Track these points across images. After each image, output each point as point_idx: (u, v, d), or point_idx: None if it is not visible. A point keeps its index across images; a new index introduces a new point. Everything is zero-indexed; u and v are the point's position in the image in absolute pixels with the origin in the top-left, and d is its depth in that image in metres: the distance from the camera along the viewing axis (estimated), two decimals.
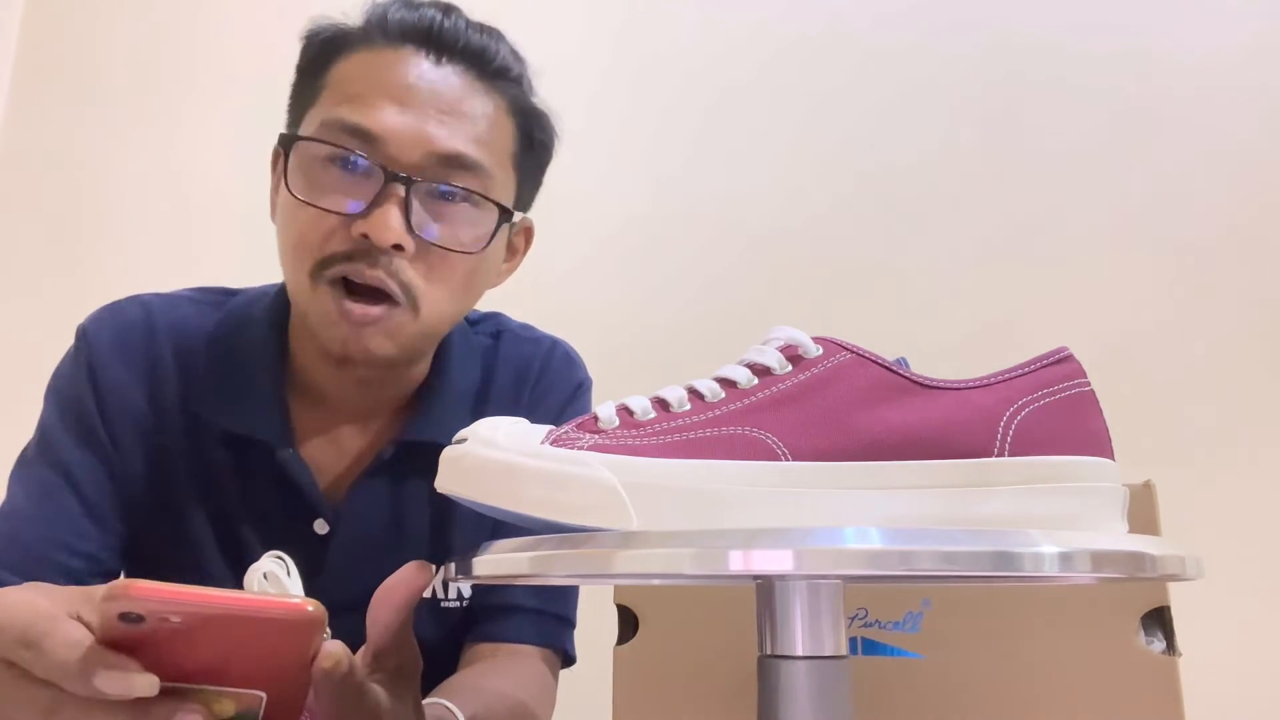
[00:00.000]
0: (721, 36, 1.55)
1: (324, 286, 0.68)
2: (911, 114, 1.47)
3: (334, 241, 0.67)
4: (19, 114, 1.75)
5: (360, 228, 0.66)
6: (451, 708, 0.60)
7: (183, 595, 0.37)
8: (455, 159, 0.68)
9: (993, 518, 0.40)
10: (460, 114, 0.68)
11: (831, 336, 0.44)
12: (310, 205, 0.67)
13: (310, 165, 0.68)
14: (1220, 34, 1.40)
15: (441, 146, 0.67)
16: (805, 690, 0.41)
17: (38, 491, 0.72)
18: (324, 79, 0.70)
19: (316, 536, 0.74)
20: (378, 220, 0.65)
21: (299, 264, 0.69)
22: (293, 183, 0.68)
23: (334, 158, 0.67)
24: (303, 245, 0.68)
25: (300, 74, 0.73)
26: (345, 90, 0.69)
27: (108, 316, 0.77)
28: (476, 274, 0.72)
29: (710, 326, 1.44)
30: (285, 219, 0.70)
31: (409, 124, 0.67)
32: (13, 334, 1.61)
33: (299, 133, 0.70)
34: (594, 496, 0.39)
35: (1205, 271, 1.33)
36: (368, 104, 0.67)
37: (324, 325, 0.69)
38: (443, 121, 0.67)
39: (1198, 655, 0.65)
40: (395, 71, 0.68)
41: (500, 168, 0.71)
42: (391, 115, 0.67)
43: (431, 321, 0.71)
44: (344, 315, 0.67)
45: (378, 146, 0.66)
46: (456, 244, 0.69)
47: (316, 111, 0.70)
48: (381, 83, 0.68)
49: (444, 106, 0.68)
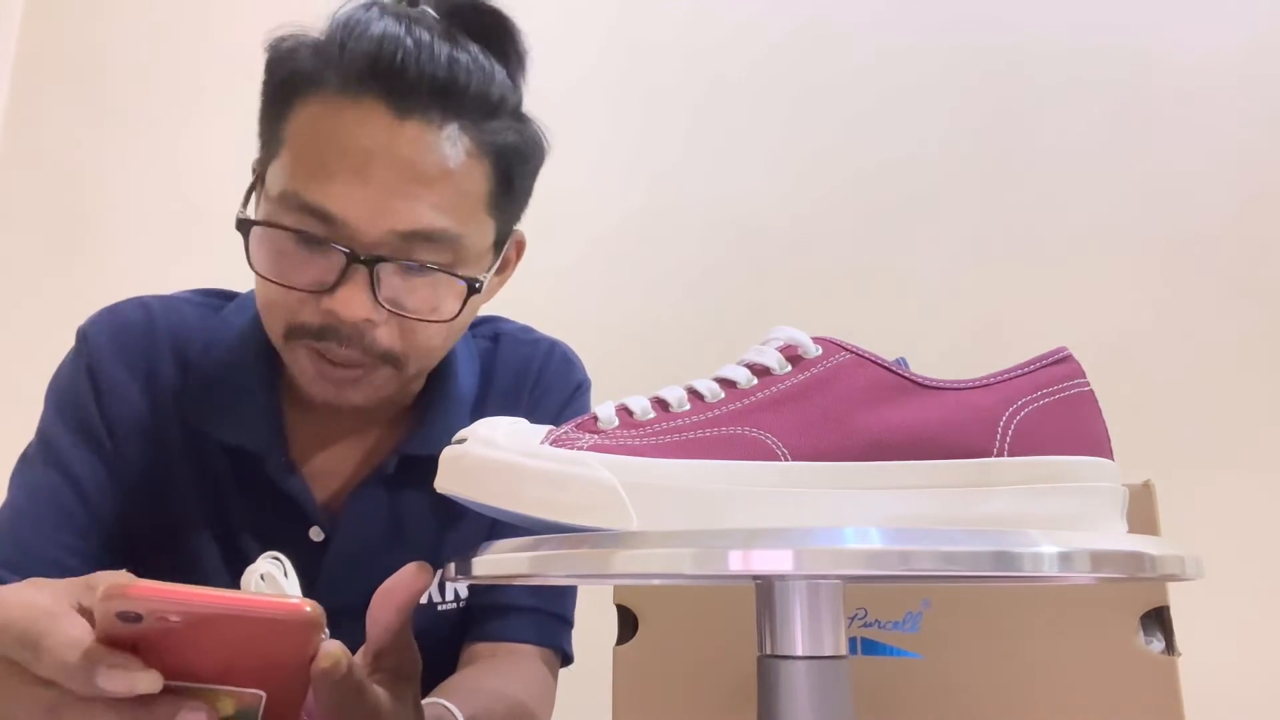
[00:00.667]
0: (716, 30, 1.55)
1: (299, 348, 0.68)
2: (908, 111, 1.47)
3: (304, 313, 0.66)
4: (19, 114, 1.75)
5: (328, 304, 0.64)
6: (451, 708, 0.60)
7: (181, 595, 0.37)
8: (419, 234, 0.64)
9: (992, 518, 0.40)
10: (424, 179, 0.63)
11: (831, 336, 0.44)
12: (276, 284, 0.66)
13: (273, 242, 0.66)
14: (1219, 33, 1.40)
15: (405, 224, 0.63)
16: (805, 690, 0.41)
17: (37, 492, 0.72)
18: (283, 129, 0.66)
19: (312, 543, 0.74)
20: (344, 299, 0.63)
21: (273, 325, 0.68)
22: (255, 259, 0.66)
23: (296, 236, 0.65)
24: (274, 310, 0.68)
25: (263, 105, 0.69)
26: (303, 156, 0.64)
27: (108, 318, 0.77)
28: (457, 321, 0.70)
29: (708, 326, 1.44)
30: (257, 281, 0.68)
31: (369, 200, 0.62)
32: (13, 334, 1.61)
33: (265, 187, 0.68)
34: (594, 496, 0.39)
35: (1205, 271, 1.33)
36: (326, 179, 0.63)
37: (304, 381, 0.69)
38: (406, 193, 0.63)
39: (1198, 655, 0.65)
40: (353, 135, 0.63)
41: (472, 220, 0.67)
42: (351, 190, 0.62)
43: (419, 367, 0.71)
44: (322, 377, 0.68)
45: (338, 226, 0.63)
46: (429, 313, 0.67)
47: (278, 169, 0.66)
48: (339, 151, 0.63)
49: (406, 174, 0.63)
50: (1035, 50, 1.45)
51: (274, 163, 0.67)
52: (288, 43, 0.67)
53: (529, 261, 0.82)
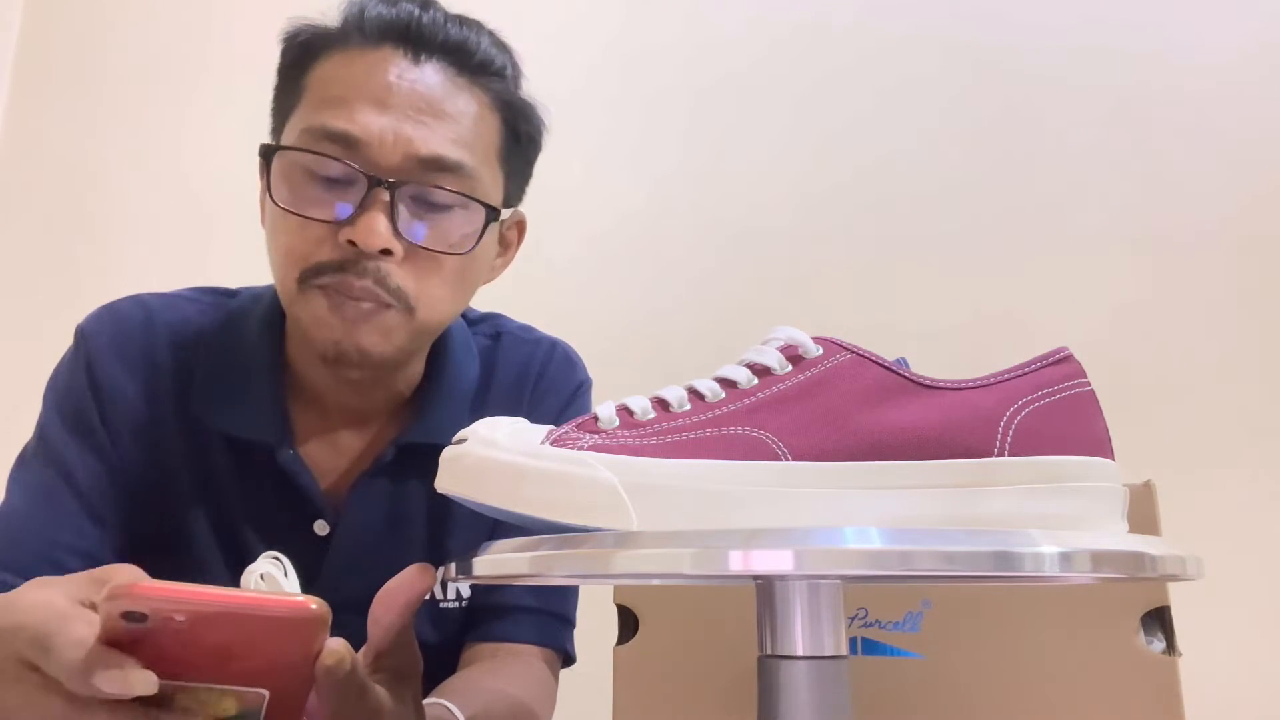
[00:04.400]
0: (716, 30, 1.55)
1: (314, 290, 0.68)
2: (907, 111, 1.47)
3: (322, 250, 0.67)
4: (19, 113, 1.75)
5: (347, 234, 0.65)
6: (451, 708, 0.60)
7: (186, 594, 0.37)
8: (437, 161, 0.67)
9: (993, 518, 0.40)
10: (441, 114, 0.68)
11: (831, 336, 0.44)
12: (296, 215, 0.67)
13: (293, 174, 0.67)
14: (1219, 33, 1.40)
15: (423, 149, 0.66)
16: (805, 690, 0.41)
17: (37, 492, 0.72)
18: (303, 82, 0.70)
19: (316, 538, 0.74)
20: (364, 226, 0.65)
21: (288, 272, 0.69)
22: (276, 192, 0.68)
23: (317, 166, 0.67)
24: (291, 254, 0.68)
25: (281, 77, 0.72)
26: (324, 94, 0.68)
27: (106, 316, 0.77)
28: (468, 272, 0.72)
29: (708, 325, 1.44)
30: (272, 227, 0.70)
31: (389, 126, 0.66)
32: (13, 334, 1.61)
33: (281, 139, 0.70)
34: (594, 496, 0.39)
35: (1205, 271, 1.33)
36: (347, 107, 0.66)
37: (316, 326, 0.69)
38: (423, 122, 0.67)
39: (1198, 655, 0.65)
40: (374, 72, 0.67)
41: (485, 166, 0.71)
42: (371, 118, 0.66)
43: (426, 321, 0.71)
44: (336, 311, 0.67)
45: (359, 151, 0.66)
46: (445, 245, 0.68)
47: (297, 116, 0.69)
48: (360, 85, 0.67)
49: (424, 107, 0.67)
50: (1035, 50, 1.45)
51: (292, 115, 0.70)
52: (302, 24, 0.71)
53: (530, 261, 0.82)
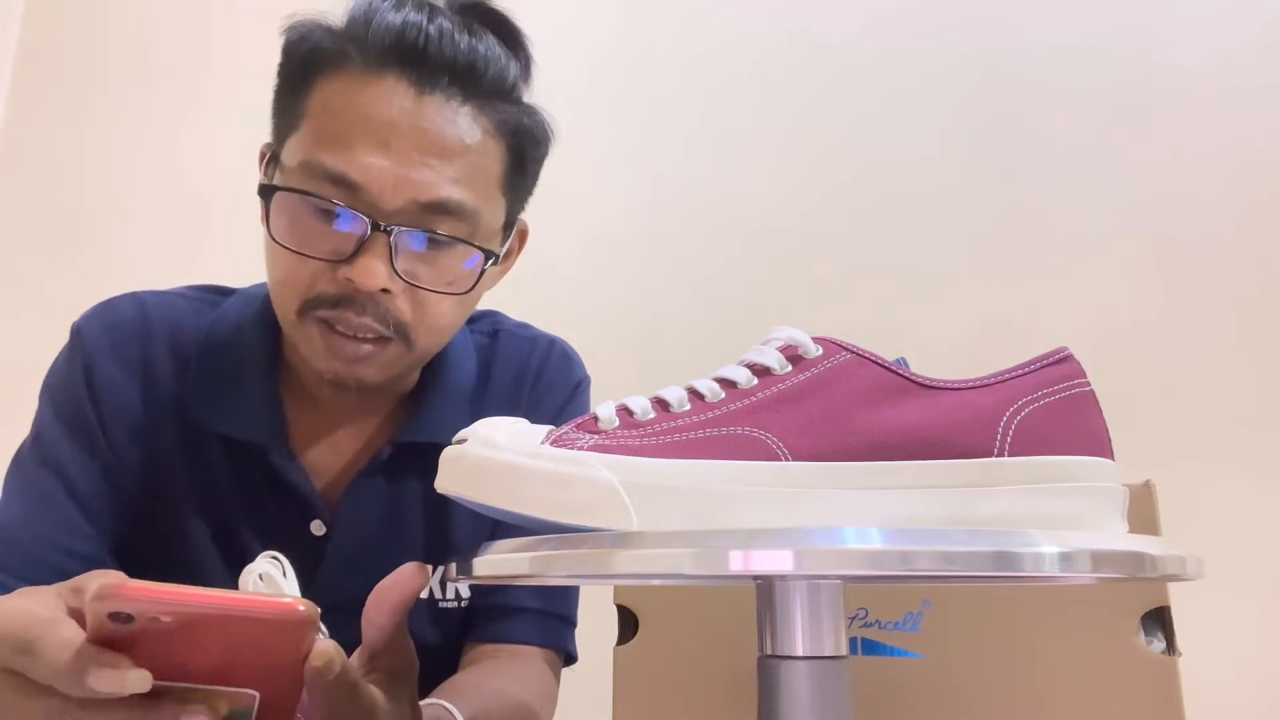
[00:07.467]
0: (720, 33, 1.55)
1: (313, 322, 0.68)
2: (909, 112, 1.47)
3: (320, 284, 0.67)
4: (19, 113, 1.75)
5: (346, 273, 0.65)
6: (450, 708, 0.60)
7: (172, 595, 0.37)
8: (439, 205, 0.66)
9: (993, 518, 0.40)
10: (445, 153, 0.66)
11: (831, 336, 0.44)
12: (294, 252, 0.66)
13: (293, 210, 0.67)
14: (1219, 34, 1.40)
15: (425, 194, 0.65)
16: (805, 690, 0.41)
17: (33, 493, 0.72)
18: (304, 104, 0.68)
19: (313, 538, 0.74)
20: (362, 268, 0.64)
21: (287, 301, 0.69)
22: (275, 228, 0.67)
23: (317, 202, 0.66)
24: (289, 284, 0.68)
25: (281, 84, 0.71)
26: (325, 127, 0.66)
27: (102, 314, 0.76)
28: (468, 300, 0.72)
29: (708, 326, 1.44)
30: (271, 256, 0.69)
31: (391, 169, 0.64)
32: (13, 334, 1.61)
33: (281, 158, 0.69)
34: (594, 496, 0.39)
35: (1206, 271, 1.33)
36: (349, 149, 0.64)
37: (314, 358, 0.69)
38: (426, 164, 0.65)
39: (1198, 655, 0.65)
40: (376, 107, 0.65)
41: (487, 201, 0.69)
42: (373, 160, 0.64)
43: (426, 349, 0.71)
44: (334, 352, 0.68)
45: (359, 194, 0.65)
46: (443, 284, 0.68)
47: (297, 142, 0.67)
48: (362, 120, 0.65)
49: (427, 147, 0.65)
50: (1036, 51, 1.45)
51: (292, 137, 0.68)
52: (306, 25, 0.69)
53: (531, 260, 0.82)
